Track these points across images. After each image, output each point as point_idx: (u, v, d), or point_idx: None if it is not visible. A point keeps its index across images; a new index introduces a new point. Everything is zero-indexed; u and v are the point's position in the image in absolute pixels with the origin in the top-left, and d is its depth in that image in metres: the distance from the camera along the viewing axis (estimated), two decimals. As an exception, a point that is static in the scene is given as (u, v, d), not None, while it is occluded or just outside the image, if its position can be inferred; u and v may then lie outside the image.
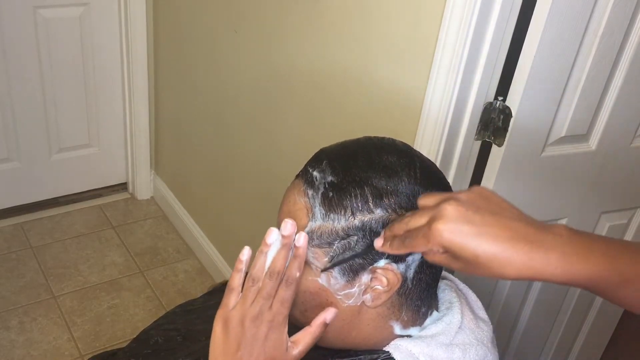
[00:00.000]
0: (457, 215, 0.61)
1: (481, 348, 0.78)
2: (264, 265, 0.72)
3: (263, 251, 0.72)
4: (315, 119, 1.59)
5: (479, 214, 0.62)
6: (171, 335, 1.05)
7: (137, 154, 2.63)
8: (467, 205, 0.62)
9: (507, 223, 0.61)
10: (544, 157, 1.28)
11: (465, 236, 0.61)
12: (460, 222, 0.61)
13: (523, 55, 1.15)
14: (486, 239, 0.60)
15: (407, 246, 0.66)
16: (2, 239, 2.37)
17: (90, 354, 1.91)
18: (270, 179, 1.84)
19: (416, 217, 0.65)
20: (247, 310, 0.72)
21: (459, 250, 0.61)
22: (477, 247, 0.60)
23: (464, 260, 0.62)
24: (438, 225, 0.61)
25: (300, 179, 0.76)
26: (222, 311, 0.74)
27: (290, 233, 0.71)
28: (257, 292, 0.72)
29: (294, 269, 0.71)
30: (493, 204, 0.64)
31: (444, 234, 0.61)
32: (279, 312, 0.72)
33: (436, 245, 0.62)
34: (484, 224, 0.61)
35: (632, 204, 1.52)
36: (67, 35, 2.30)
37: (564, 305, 1.62)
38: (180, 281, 2.28)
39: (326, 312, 0.73)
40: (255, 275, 0.72)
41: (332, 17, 1.43)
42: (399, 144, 0.77)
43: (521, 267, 0.60)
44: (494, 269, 0.61)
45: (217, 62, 2.00)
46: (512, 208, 0.64)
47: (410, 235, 0.65)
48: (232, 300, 0.74)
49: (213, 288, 1.23)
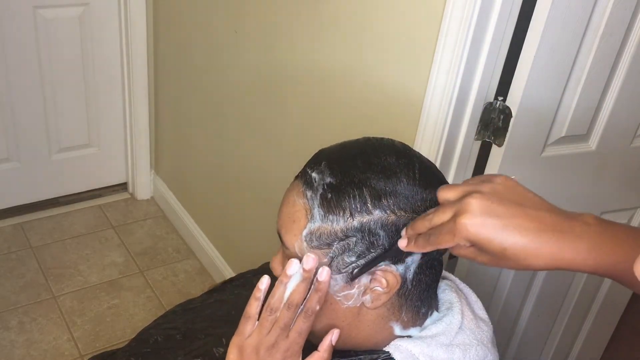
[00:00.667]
0: (482, 209, 0.60)
1: (481, 348, 0.78)
2: (282, 295, 0.73)
3: (283, 282, 0.73)
4: (315, 119, 1.59)
5: (504, 206, 0.61)
6: (171, 334, 1.05)
7: (137, 154, 2.63)
8: (491, 197, 0.61)
9: (533, 213, 0.61)
10: (544, 157, 1.28)
11: (492, 229, 0.60)
12: (486, 215, 0.60)
13: (523, 55, 1.15)
14: (513, 231, 0.59)
15: (432, 243, 0.65)
16: (2, 239, 2.37)
17: (90, 354, 1.91)
18: (270, 179, 1.84)
19: (439, 213, 0.64)
20: (263, 339, 0.73)
21: (486, 244, 0.60)
22: (504, 240, 0.60)
23: (491, 254, 0.61)
24: (463, 219, 0.61)
25: (299, 180, 0.76)
26: (237, 339, 0.75)
27: (311, 267, 0.71)
28: (274, 321, 0.73)
29: (315, 302, 0.72)
30: (517, 194, 0.63)
31: (470, 228, 0.60)
32: (295, 341, 0.73)
33: (463, 240, 0.61)
34: (509, 216, 0.60)
35: (632, 204, 1.52)
36: (67, 35, 2.30)
37: (564, 305, 1.62)
38: (180, 281, 2.28)
39: (331, 335, 0.74)
40: (274, 305, 0.73)
41: (332, 17, 1.43)
42: (398, 145, 0.77)
43: (550, 257, 0.59)
44: (523, 260, 0.60)
45: (217, 62, 2.00)
46: (537, 197, 0.63)
47: (434, 232, 0.64)
48: (248, 329, 0.74)
49: (213, 288, 1.23)
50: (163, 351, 1.01)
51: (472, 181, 0.66)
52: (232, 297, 1.12)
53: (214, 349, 0.93)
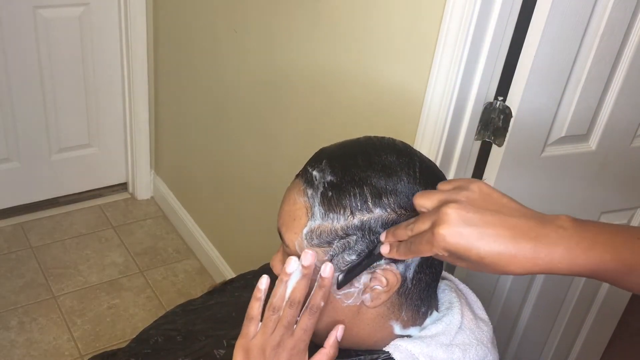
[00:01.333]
0: (458, 218, 0.61)
1: (481, 348, 0.78)
2: (284, 294, 0.73)
3: (283, 280, 0.73)
4: (315, 119, 1.59)
5: (479, 214, 0.62)
6: (171, 335, 1.05)
7: (137, 154, 2.63)
8: (467, 206, 0.62)
9: (509, 221, 0.62)
10: (544, 157, 1.28)
11: (468, 238, 0.61)
12: (462, 225, 0.61)
13: (523, 55, 1.15)
14: (489, 240, 0.61)
15: (413, 252, 0.66)
16: (2, 239, 2.37)
17: (90, 354, 1.91)
18: (270, 179, 1.84)
19: (419, 223, 0.65)
20: (267, 339, 0.73)
21: (463, 253, 0.62)
22: (480, 249, 0.61)
23: (469, 261, 0.62)
24: (440, 230, 0.62)
25: (300, 179, 0.76)
26: (242, 341, 0.75)
27: (310, 263, 0.71)
28: (278, 321, 0.73)
29: (319, 298, 0.72)
30: (493, 202, 0.64)
31: (447, 239, 0.61)
32: (301, 339, 0.73)
33: (441, 250, 0.63)
34: (485, 224, 0.61)
35: (632, 204, 1.52)
36: (67, 35, 2.30)
37: (564, 306, 1.62)
38: (180, 281, 2.28)
39: (336, 331, 0.74)
40: (276, 304, 0.73)
41: (332, 16, 1.43)
42: (399, 144, 0.77)
43: (526, 263, 0.60)
44: (500, 267, 0.61)
45: (217, 61, 2.00)
46: (512, 203, 0.64)
47: (414, 240, 0.65)
48: (252, 330, 0.75)
49: (213, 288, 1.23)
50: (163, 352, 1.01)
51: (447, 186, 0.67)
52: (232, 298, 1.12)
53: (214, 350, 0.93)
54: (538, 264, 0.60)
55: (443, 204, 0.63)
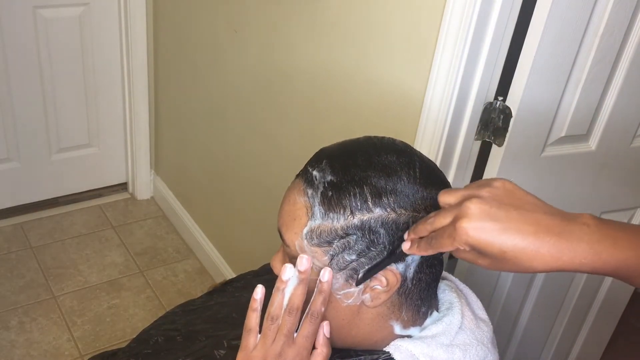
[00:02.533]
0: (481, 213, 0.61)
1: (481, 348, 0.78)
2: (282, 302, 0.72)
3: (280, 288, 0.72)
4: (315, 119, 1.59)
5: (503, 210, 0.61)
6: (171, 335, 1.05)
7: (137, 154, 2.63)
8: (490, 201, 0.62)
9: (532, 216, 0.61)
10: (544, 157, 1.28)
11: (491, 233, 0.61)
12: (485, 220, 0.61)
13: (523, 55, 1.15)
14: (512, 235, 0.60)
15: (433, 247, 0.66)
16: (2, 239, 2.37)
17: (90, 354, 1.91)
18: (270, 179, 1.84)
19: (440, 217, 0.65)
20: (268, 349, 0.72)
21: (485, 248, 0.61)
22: (503, 244, 0.60)
23: (491, 257, 0.62)
24: (463, 224, 0.61)
25: (300, 179, 0.76)
26: (242, 354, 0.74)
27: (306, 268, 0.71)
28: (277, 330, 0.72)
29: (319, 303, 0.72)
30: (516, 198, 0.63)
31: (470, 232, 0.61)
32: (303, 347, 0.72)
33: (462, 244, 0.62)
34: (508, 220, 0.61)
35: (632, 204, 1.52)
36: (67, 35, 2.30)
37: (564, 305, 1.62)
38: (180, 281, 2.28)
39: (322, 329, 0.74)
40: (274, 313, 0.72)
41: (333, 16, 1.43)
42: (399, 144, 0.77)
43: (549, 259, 0.60)
44: (522, 263, 0.61)
45: (217, 62, 2.00)
46: (536, 200, 0.64)
47: (435, 235, 0.65)
48: (252, 342, 0.74)
49: (213, 288, 1.23)
50: (163, 352, 1.01)
51: (471, 185, 0.67)
52: (232, 299, 1.12)
53: (214, 351, 0.93)
54: (561, 259, 0.60)
55: (466, 199, 0.63)
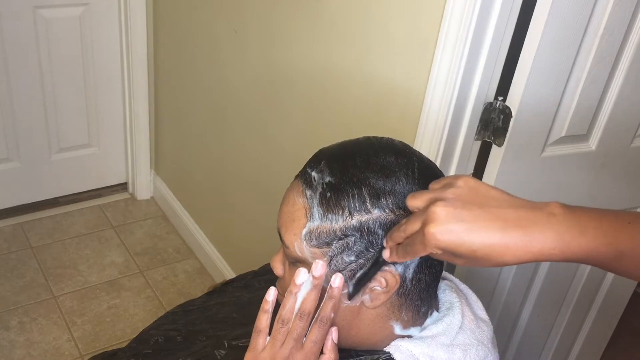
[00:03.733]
0: (447, 215, 0.62)
1: (482, 348, 0.78)
2: (293, 306, 0.72)
3: (293, 292, 0.72)
4: (315, 119, 1.59)
5: (467, 209, 0.62)
6: (171, 335, 1.05)
7: (137, 154, 2.63)
8: (454, 202, 0.62)
9: (497, 212, 0.62)
10: (544, 157, 1.28)
11: (458, 234, 0.61)
12: (451, 222, 0.61)
13: (523, 55, 1.15)
14: (479, 233, 0.61)
15: (410, 253, 0.66)
16: (2, 239, 2.37)
17: (90, 354, 1.91)
18: (270, 179, 1.84)
19: (410, 224, 0.66)
20: (277, 352, 0.72)
21: (456, 249, 0.62)
22: (472, 243, 0.61)
23: (463, 257, 0.62)
24: (430, 229, 0.62)
25: (299, 180, 0.76)
26: (250, 354, 0.74)
27: (321, 274, 0.71)
28: (287, 333, 0.72)
29: (329, 309, 0.72)
30: (480, 195, 0.64)
31: (438, 237, 0.61)
32: (311, 351, 0.72)
33: (434, 249, 0.63)
34: (473, 219, 0.61)
35: (632, 203, 1.52)
36: (67, 35, 2.30)
37: (564, 305, 1.62)
38: (180, 281, 2.28)
39: (330, 334, 0.74)
40: (285, 317, 0.72)
41: (333, 16, 1.43)
42: (398, 144, 0.77)
43: (519, 253, 0.60)
44: (494, 259, 0.61)
45: (217, 61, 2.00)
46: (500, 194, 0.64)
47: (409, 242, 0.66)
48: (261, 343, 0.74)
49: (213, 288, 1.23)
50: (164, 352, 1.01)
51: (437, 185, 0.67)
52: (233, 299, 1.12)
53: (215, 351, 0.93)
54: (531, 251, 0.60)
55: (431, 202, 0.64)
